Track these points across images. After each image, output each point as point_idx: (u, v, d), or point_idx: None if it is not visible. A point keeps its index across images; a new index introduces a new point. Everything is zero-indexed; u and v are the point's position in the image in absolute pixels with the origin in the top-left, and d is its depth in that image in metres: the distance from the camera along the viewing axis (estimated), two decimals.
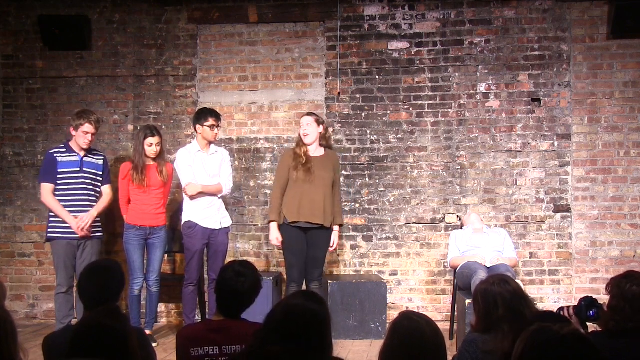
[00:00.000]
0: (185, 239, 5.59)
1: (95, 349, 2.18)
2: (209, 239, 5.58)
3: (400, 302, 6.36)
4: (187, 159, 5.59)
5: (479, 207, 6.34)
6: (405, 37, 6.45)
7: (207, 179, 5.60)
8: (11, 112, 6.79)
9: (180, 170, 5.63)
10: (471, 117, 6.38)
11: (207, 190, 5.57)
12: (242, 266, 3.10)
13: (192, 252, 5.55)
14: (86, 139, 5.47)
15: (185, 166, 5.58)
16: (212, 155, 5.68)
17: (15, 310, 6.57)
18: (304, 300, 2.42)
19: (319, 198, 5.35)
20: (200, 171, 5.59)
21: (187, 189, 5.53)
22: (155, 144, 5.63)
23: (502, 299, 2.85)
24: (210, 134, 5.59)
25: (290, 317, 2.34)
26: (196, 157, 5.60)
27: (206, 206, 5.58)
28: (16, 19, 6.76)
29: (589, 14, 6.29)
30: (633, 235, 6.24)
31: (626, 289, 2.90)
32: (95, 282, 2.97)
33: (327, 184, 5.42)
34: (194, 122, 5.67)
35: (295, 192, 5.36)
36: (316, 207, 5.34)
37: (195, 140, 5.69)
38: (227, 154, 5.86)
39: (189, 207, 5.59)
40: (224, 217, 5.70)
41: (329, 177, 5.44)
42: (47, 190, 5.47)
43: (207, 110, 5.71)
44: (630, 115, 6.27)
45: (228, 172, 5.77)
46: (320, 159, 5.48)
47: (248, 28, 6.60)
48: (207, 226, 5.56)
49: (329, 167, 5.48)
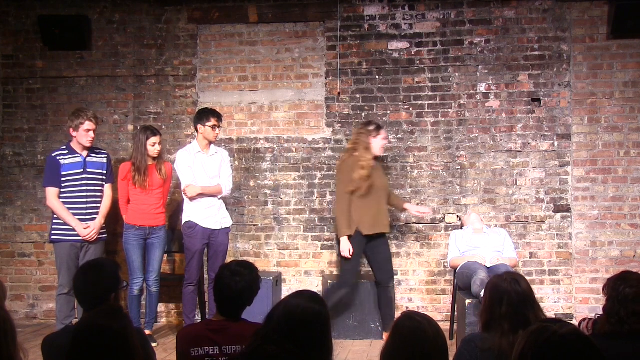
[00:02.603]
0: (186, 239, 5.60)
1: (96, 350, 2.17)
2: (209, 239, 5.59)
3: (400, 302, 6.36)
4: (187, 160, 5.59)
5: (479, 207, 6.33)
6: (405, 37, 6.44)
7: (207, 180, 5.61)
8: (11, 112, 6.79)
9: (180, 171, 5.63)
10: (471, 117, 6.38)
11: (206, 192, 5.57)
12: (240, 266, 3.09)
13: (192, 252, 5.55)
14: (89, 137, 5.46)
15: (185, 167, 5.58)
16: (212, 157, 5.69)
17: (15, 310, 6.57)
18: (304, 301, 2.42)
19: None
20: (200, 172, 5.59)
21: (187, 190, 5.54)
22: (157, 143, 5.64)
23: (508, 298, 2.85)
24: (211, 134, 5.60)
25: (291, 317, 2.34)
26: (196, 158, 5.60)
27: (206, 206, 5.58)
28: (16, 19, 6.76)
29: (589, 14, 6.29)
30: (633, 235, 6.24)
31: (620, 290, 2.91)
32: (87, 279, 2.96)
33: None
34: (195, 122, 5.67)
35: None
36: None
37: (196, 141, 5.69)
38: (227, 155, 5.86)
39: (189, 208, 5.59)
40: (224, 217, 5.71)
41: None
42: (53, 194, 5.47)
43: (208, 110, 5.71)
44: (630, 115, 6.27)
45: (228, 173, 5.77)
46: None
47: (248, 28, 6.60)
48: (207, 226, 5.57)
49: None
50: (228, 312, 3.03)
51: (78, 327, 2.32)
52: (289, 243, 6.48)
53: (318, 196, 6.48)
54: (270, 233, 6.53)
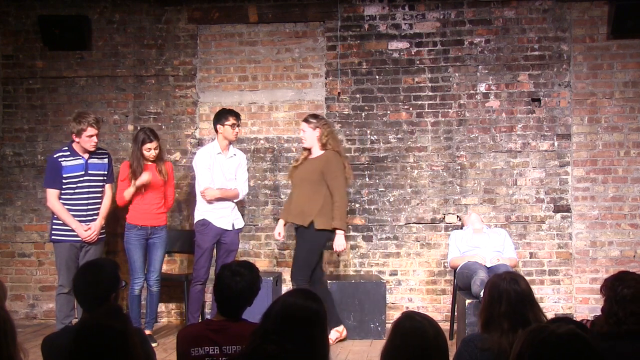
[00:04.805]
0: (197, 235, 5.60)
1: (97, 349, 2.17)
2: (221, 238, 5.60)
3: (400, 302, 6.36)
4: (206, 161, 5.59)
5: (479, 207, 6.33)
6: (405, 37, 6.44)
7: (224, 182, 5.62)
8: (11, 112, 6.79)
9: (198, 171, 5.63)
10: (471, 117, 6.38)
11: (224, 195, 5.59)
12: (240, 266, 3.10)
13: (202, 248, 5.56)
14: (92, 142, 5.44)
15: (204, 168, 5.58)
16: (231, 159, 5.70)
17: (15, 310, 6.56)
18: (301, 299, 2.43)
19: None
20: (218, 174, 5.60)
21: (206, 193, 5.53)
22: (153, 148, 5.61)
23: (507, 297, 2.86)
24: (231, 133, 5.60)
25: (288, 316, 2.35)
26: (216, 159, 5.61)
27: (221, 207, 5.60)
28: (16, 19, 6.75)
29: (589, 14, 6.29)
30: (633, 235, 6.24)
31: (618, 291, 2.91)
32: (87, 279, 2.96)
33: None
34: (215, 123, 5.65)
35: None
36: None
37: (216, 141, 5.67)
38: (244, 158, 5.87)
39: (203, 206, 5.61)
40: (236, 218, 5.72)
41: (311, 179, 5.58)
42: (53, 195, 5.46)
43: (226, 110, 5.72)
44: (630, 115, 6.27)
45: (244, 177, 5.79)
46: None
47: (248, 28, 6.60)
48: (220, 226, 5.58)
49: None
50: (228, 312, 3.03)
51: (79, 327, 2.32)
52: (289, 243, 6.47)
53: None
54: (270, 233, 6.52)
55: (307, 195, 5.54)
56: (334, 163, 5.54)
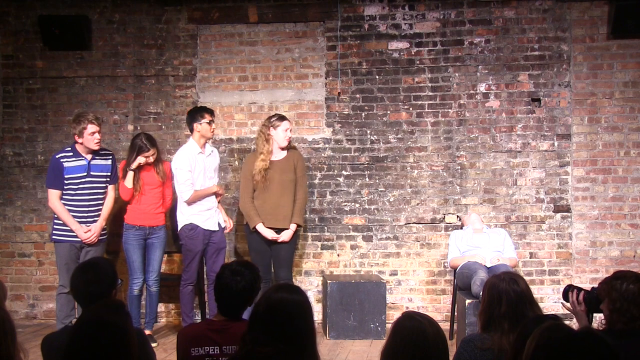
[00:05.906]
0: (187, 240, 5.58)
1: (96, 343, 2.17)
2: (209, 239, 5.60)
3: (400, 302, 6.36)
4: (188, 163, 5.56)
5: (479, 207, 6.33)
6: (405, 37, 6.44)
7: (205, 182, 5.66)
8: (11, 112, 6.79)
9: (179, 174, 5.57)
10: (471, 117, 6.38)
11: (207, 194, 5.64)
12: (240, 265, 3.10)
13: (193, 253, 5.56)
14: (95, 139, 5.44)
15: (185, 172, 5.54)
16: (209, 157, 5.74)
17: (15, 310, 6.56)
18: (285, 293, 2.46)
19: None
20: (200, 174, 5.61)
21: (187, 197, 5.54)
22: (150, 155, 5.61)
23: (507, 297, 2.86)
24: (208, 130, 5.62)
25: (275, 312, 2.37)
26: (197, 159, 5.61)
27: (205, 208, 5.62)
28: (16, 19, 6.75)
29: (589, 14, 6.29)
30: (633, 235, 6.24)
31: (624, 289, 2.86)
32: (85, 278, 2.97)
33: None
34: (190, 122, 5.65)
35: None
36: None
37: (192, 140, 5.65)
38: (218, 154, 5.97)
39: (188, 210, 5.59)
40: (219, 216, 5.78)
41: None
42: (55, 196, 5.46)
43: (199, 108, 5.80)
44: (630, 115, 6.27)
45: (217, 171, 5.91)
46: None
47: (248, 28, 6.60)
48: (208, 228, 5.60)
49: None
50: (228, 312, 3.03)
51: (80, 321, 2.32)
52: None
53: (318, 196, 6.48)
54: None
55: (289, 197, 5.62)
56: (303, 159, 5.86)
